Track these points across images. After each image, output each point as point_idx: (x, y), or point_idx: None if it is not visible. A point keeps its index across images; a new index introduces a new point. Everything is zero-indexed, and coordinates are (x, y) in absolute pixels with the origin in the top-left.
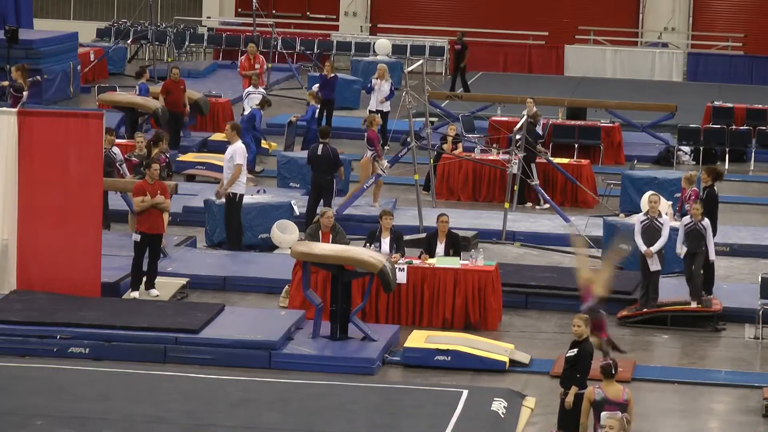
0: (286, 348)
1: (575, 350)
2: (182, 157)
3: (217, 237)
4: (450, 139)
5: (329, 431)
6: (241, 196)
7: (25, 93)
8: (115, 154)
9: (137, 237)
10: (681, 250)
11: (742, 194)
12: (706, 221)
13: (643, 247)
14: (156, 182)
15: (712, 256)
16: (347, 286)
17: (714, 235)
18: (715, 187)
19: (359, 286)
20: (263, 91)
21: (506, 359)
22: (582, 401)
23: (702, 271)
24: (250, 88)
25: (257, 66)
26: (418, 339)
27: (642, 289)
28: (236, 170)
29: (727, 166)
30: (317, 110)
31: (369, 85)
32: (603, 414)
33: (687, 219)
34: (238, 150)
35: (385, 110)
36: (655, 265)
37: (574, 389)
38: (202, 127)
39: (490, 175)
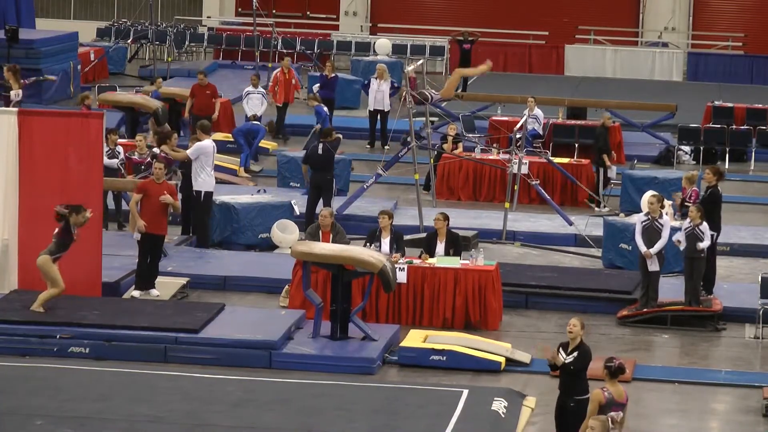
0: (286, 348)
1: (575, 354)
2: None
3: (218, 237)
4: (450, 138)
5: (329, 431)
6: (207, 193)
7: (13, 92)
8: (118, 153)
9: (137, 236)
10: (680, 238)
11: (743, 194)
12: (705, 225)
13: (642, 248)
14: (164, 182)
15: (703, 244)
16: (347, 286)
17: (718, 235)
18: (719, 187)
19: (359, 285)
20: (263, 90)
21: (502, 360)
22: (578, 404)
23: (699, 282)
24: (250, 88)
25: (293, 81)
26: (414, 339)
27: (642, 288)
28: (181, 154)
29: (727, 166)
30: (325, 109)
31: (365, 83)
32: (611, 414)
33: (686, 223)
34: (198, 148)
35: (385, 110)
36: (654, 266)
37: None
38: None
39: (491, 175)
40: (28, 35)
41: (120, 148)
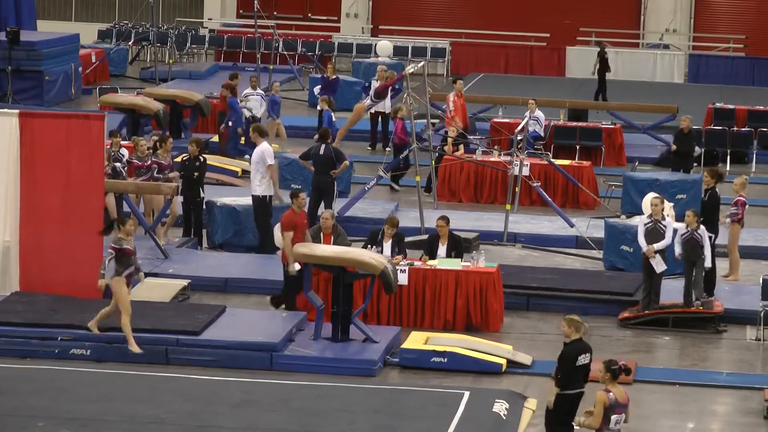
0: (287, 349)
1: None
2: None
3: (219, 238)
4: (451, 140)
5: None
6: (271, 197)
7: None
8: (122, 155)
9: (298, 266)
10: (678, 251)
11: None
12: (702, 229)
13: (644, 246)
14: (302, 212)
15: (708, 263)
16: (349, 288)
17: (716, 236)
18: (717, 189)
19: (361, 287)
20: (261, 92)
21: (503, 361)
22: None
23: (702, 278)
24: (249, 90)
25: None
26: (416, 340)
27: (644, 290)
28: (272, 171)
29: (728, 168)
30: (331, 114)
31: (366, 85)
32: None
33: (682, 228)
34: (266, 151)
35: (386, 111)
36: (660, 266)
37: (554, 390)
38: (204, 128)
39: (492, 177)
40: (29, 37)
41: (124, 151)
